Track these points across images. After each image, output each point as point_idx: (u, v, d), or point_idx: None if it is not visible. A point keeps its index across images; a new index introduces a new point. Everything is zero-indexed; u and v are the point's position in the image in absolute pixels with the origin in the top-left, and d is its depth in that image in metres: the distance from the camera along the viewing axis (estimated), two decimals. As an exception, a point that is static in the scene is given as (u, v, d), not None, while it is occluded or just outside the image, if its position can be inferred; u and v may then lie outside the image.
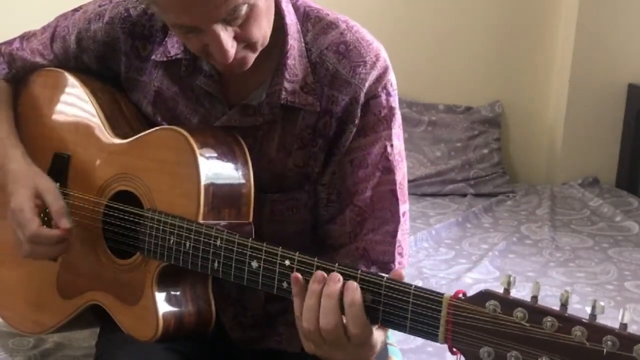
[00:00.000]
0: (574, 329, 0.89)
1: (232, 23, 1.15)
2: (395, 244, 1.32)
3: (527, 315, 0.92)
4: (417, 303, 1.02)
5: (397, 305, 1.04)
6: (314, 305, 1.08)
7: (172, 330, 1.26)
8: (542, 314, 0.91)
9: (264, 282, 1.15)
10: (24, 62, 1.50)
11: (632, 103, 3.70)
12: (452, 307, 0.98)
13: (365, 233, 1.30)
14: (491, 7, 3.74)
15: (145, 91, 1.39)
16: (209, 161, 1.24)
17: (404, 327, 1.04)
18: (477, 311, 0.96)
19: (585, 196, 3.53)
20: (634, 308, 2.42)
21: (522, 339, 0.92)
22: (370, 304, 1.06)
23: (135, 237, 1.29)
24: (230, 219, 1.24)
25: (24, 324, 1.52)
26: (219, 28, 1.14)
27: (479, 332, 0.95)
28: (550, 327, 0.90)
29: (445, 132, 3.64)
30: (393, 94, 1.31)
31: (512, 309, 0.93)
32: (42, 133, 1.46)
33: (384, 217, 1.31)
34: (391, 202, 1.31)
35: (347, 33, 1.30)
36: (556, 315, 0.91)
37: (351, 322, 1.06)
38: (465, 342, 0.96)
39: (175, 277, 1.26)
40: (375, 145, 1.30)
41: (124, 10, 1.37)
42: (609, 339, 0.87)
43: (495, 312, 0.94)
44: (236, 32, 1.16)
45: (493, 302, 0.94)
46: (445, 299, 1.00)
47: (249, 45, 1.19)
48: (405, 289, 1.04)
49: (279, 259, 1.13)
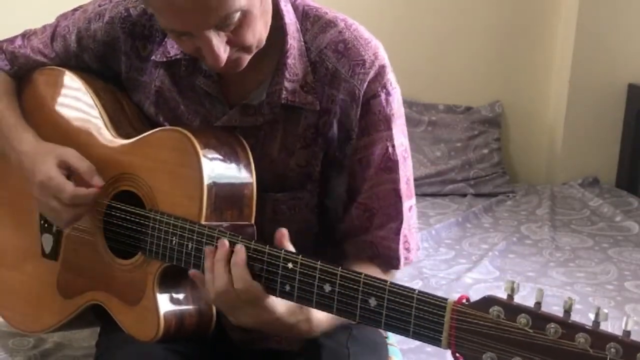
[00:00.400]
0: (578, 335, 0.89)
1: (224, 29, 1.16)
2: (399, 240, 1.33)
3: (530, 321, 0.92)
4: (421, 308, 1.02)
5: (400, 309, 1.04)
6: (210, 274, 1.17)
7: (173, 331, 1.26)
8: (545, 321, 0.91)
9: (267, 285, 1.15)
10: (26, 59, 1.50)
11: (632, 103, 3.70)
12: (455, 312, 0.98)
13: (375, 228, 1.32)
14: (491, 7, 3.74)
15: (147, 91, 1.39)
16: (212, 162, 1.24)
17: (407, 331, 1.03)
18: (480, 317, 0.95)
19: (585, 196, 3.53)
20: (633, 308, 2.43)
21: (525, 345, 0.92)
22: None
23: (137, 237, 1.29)
24: (232, 220, 1.25)
25: (25, 323, 1.52)
26: (210, 34, 1.15)
27: (482, 338, 0.95)
28: (554, 334, 0.90)
29: (445, 132, 3.64)
30: (393, 92, 1.32)
31: (515, 315, 0.93)
32: (45, 131, 1.46)
33: (390, 214, 1.33)
34: (395, 200, 1.32)
35: (345, 31, 1.30)
36: (560, 322, 0.91)
37: (234, 278, 1.15)
38: (469, 347, 0.96)
39: (176, 278, 1.27)
40: (378, 146, 1.31)
41: (124, 10, 1.38)
42: (613, 346, 0.87)
43: (499, 318, 0.94)
44: (229, 37, 1.17)
45: (497, 308, 0.94)
46: (449, 304, 0.99)
47: (243, 48, 1.20)
48: (408, 293, 1.04)
49: (281, 261, 1.13)
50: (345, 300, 1.09)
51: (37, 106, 1.50)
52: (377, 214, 1.32)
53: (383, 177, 1.32)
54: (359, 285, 1.07)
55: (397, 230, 1.33)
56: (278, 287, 1.14)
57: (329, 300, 1.10)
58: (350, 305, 1.09)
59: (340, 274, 1.09)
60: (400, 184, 1.33)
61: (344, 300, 1.09)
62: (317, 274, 1.11)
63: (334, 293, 1.09)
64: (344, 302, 1.09)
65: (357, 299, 1.07)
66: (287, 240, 1.17)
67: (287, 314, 1.17)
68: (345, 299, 1.09)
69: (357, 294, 1.08)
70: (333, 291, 1.09)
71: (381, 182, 1.32)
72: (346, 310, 1.09)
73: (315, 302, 1.11)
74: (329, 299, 1.10)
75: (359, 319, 1.08)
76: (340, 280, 1.09)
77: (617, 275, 2.69)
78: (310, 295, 1.11)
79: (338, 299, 1.09)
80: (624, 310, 2.40)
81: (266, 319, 1.16)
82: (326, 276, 1.10)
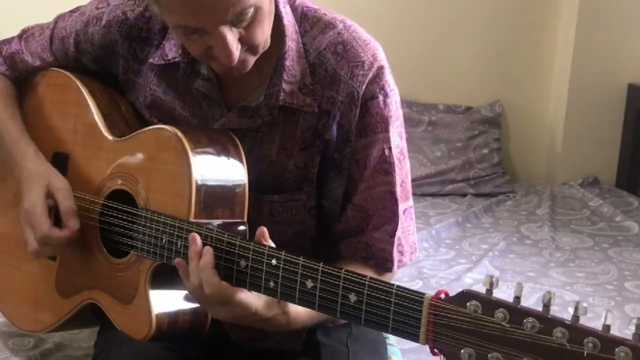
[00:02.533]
0: (555, 330, 0.88)
1: (237, 25, 1.16)
2: (394, 242, 1.33)
3: (508, 316, 0.91)
4: (399, 303, 1.01)
5: (379, 305, 1.03)
6: (183, 271, 1.18)
7: (166, 329, 1.26)
8: (523, 315, 0.90)
9: (252, 282, 1.15)
10: (25, 65, 1.52)
11: (632, 103, 3.70)
12: (433, 307, 0.97)
13: (370, 229, 1.32)
14: (491, 7, 3.74)
15: (142, 93, 1.40)
16: (202, 161, 1.24)
17: (387, 327, 1.03)
18: (457, 311, 0.94)
19: (585, 196, 3.52)
20: (633, 308, 2.42)
21: (502, 340, 0.91)
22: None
23: (129, 236, 1.30)
24: (223, 218, 1.25)
25: (25, 321, 1.53)
26: (225, 30, 1.15)
27: (459, 333, 0.94)
28: (531, 329, 0.89)
29: (445, 132, 3.64)
30: (391, 94, 1.31)
31: (493, 309, 0.92)
32: (43, 133, 1.48)
33: (386, 216, 1.32)
34: (391, 202, 1.32)
35: (344, 33, 1.30)
36: (537, 316, 0.89)
37: (203, 282, 1.15)
38: (446, 343, 0.95)
39: (169, 276, 1.26)
40: (374, 147, 1.30)
41: (121, 13, 1.38)
42: (591, 341, 0.86)
43: (476, 313, 0.92)
44: (241, 34, 1.17)
45: (474, 303, 0.93)
46: (426, 299, 0.98)
47: (250, 48, 1.20)
48: (387, 288, 1.03)
49: (265, 258, 1.13)
50: (326, 296, 1.08)
51: (36, 108, 1.51)
52: (373, 216, 1.32)
53: (379, 178, 1.31)
54: (339, 281, 1.07)
55: (392, 232, 1.32)
56: (262, 284, 1.14)
57: (310, 297, 1.10)
58: (330, 301, 1.08)
59: (322, 270, 1.09)
60: (396, 187, 1.32)
61: (325, 296, 1.08)
62: (299, 270, 1.10)
63: (315, 289, 1.09)
64: (325, 298, 1.08)
65: (338, 294, 1.07)
66: (267, 238, 1.16)
67: (263, 308, 1.16)
68: (327, 295, 1.08)
69: (338, 290, 1.07)
70: (315, 287, 1.09)
71: (377, 183, 1.32)
72: (327, 306, 1.08)
73: (298, 298, 1.11)
74: (311, 295, 1.10)
75: (340, 315, 1.08)
76: (321, 275, 1.08)
77: (617, 275, 2.68)
78: (293, 291, 1.11)
79: (319, 295, 1.09)
80: (624, 310, 2.39)
81: (241, 314, 1.16)
82: (308, 272, 1.10)
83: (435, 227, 3.02)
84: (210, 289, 1.14)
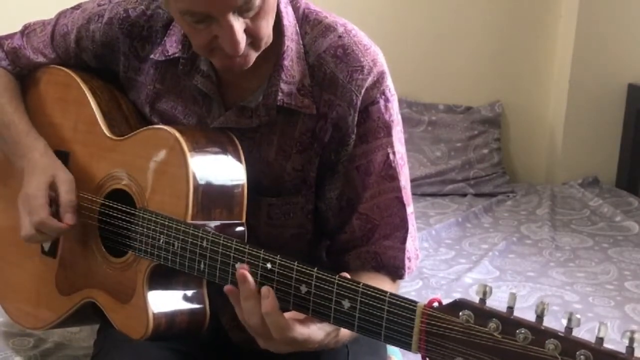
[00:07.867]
0: (548, 342, 0.87)
1: (244, 15, 1.16)
2: (405, 249, 1.32)
3: (500, 326, 0.90)
4: (392, 311, 1.01)
5: (372, 312, 1.03)
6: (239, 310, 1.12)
7: (163, 329, 1.26)
8: (515, 326, 0.90)
9: None
10: (27, 60, 1.52)
11: (632, 103, 3.69)
12: (425, 316, 0.97)
13: (377, 238, 1.31)
14: (491, 7, 3.73)
15: (143, 91, 1.40)
16: (200, 161, 1.24)
17: (380, 335, 1.02)
18: (449, 321, 0.94)
19: (585, 196, 3.51)
20: (633, 308, 2.42)
21: (494, 351, 0.90)
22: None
23: (127, 235, 1.30)
24: (221, 219, 1.24)
25: (26, 318, 1.54)
26: (233, 18, 1.14)
27: (451, 343, 0.93)
28: (523, 340, 0.89)
29: (445, 132, 3.64)
30: (392, 99, 1.31)
31: (486, 319, 0.91)
32: (43, 130, 1.48)
33: (394, 224, 1.31)
34: (398, 208, 1.31)
35: (345, 36, 1.30)
36: (530, 328, 0.89)
37: (271, 328, 1.09)
38: (438, 352, 0.94)
39: (167, 276, 1.27)
40: (378, 153, 1.30)
41: (122, 11, 1.39)
42: (583, 354, 0.85)
43: (468, 323, 0.92)
44: (247, 25, 1.17)
45: (467, 312, 0.93)
46: (419, 308, 0.98)
47: (254, 42, 1.20)
48: (380, 296, 1.02)
49: (260, 261, 1.13)
50: (320, 302, 1.08)
51: (38, 105, 1.51)
52: (381, 225, 1.31)
53: (385, 185, 1.30)
54: (333, 287, 1.06)
55: (403, 239, 1.31)
56: None
57: (304, 302, 1.09)
58: (324, 307, 1.08)
59: (316, 275, 1.08)
60: (402, 192, 1.32)
61: (319, 301, 1.08)
62: (294, 275, 1.10)
63: (309, 294, 1.08)
64: (319, 304, 1.08)
65: (332, 300, 1.06)
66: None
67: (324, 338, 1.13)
68: (320, 300, 1.08)
69: (332, 296, 1.06)
70: (309, 292, 1.08)
71: (383, 190, 1.31)
72: (321, 312, 1.08)
73: (293, 303, 1.10)
74: (305, 300, 1.09)
75: (333, 321, 1.07)
76: (315, 281, 1.08)
77: (617, 275, 2.68)
78: (287, 296, 1.10)
79: (313, 300, 1.08)
80: (624, 310, 2.39)
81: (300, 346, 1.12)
82: (302, 277, 1.09)
83: (435, 227, 3.02)
84: (279, 334, 1.09)
